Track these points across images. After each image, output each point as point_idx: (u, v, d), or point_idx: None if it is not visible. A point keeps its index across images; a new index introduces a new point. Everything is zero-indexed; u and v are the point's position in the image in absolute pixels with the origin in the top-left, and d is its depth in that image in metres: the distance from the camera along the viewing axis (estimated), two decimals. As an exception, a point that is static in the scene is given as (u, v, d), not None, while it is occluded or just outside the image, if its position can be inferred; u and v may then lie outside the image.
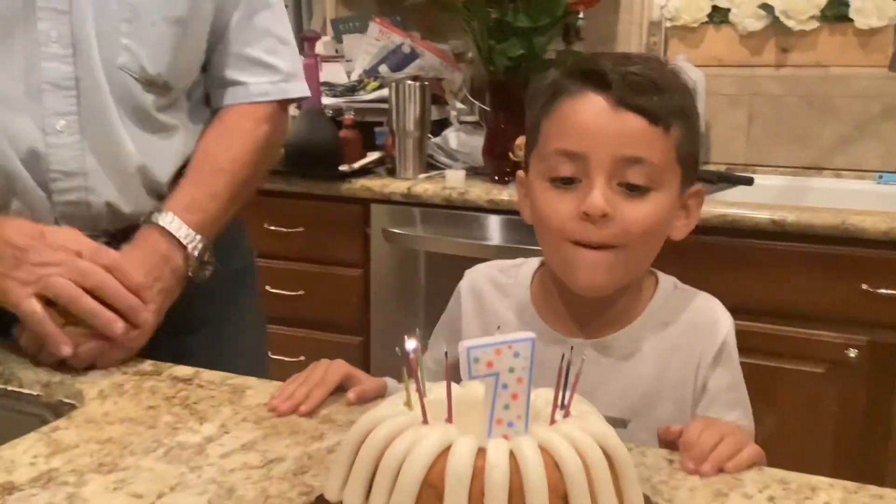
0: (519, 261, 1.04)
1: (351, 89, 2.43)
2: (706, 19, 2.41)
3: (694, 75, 2.34)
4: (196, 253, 1.05)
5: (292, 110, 2.24)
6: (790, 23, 2.30)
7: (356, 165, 2.19)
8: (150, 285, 1.01)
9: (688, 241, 1.94)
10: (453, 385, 0.67)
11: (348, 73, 2.59)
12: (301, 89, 1.20)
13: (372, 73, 2.52)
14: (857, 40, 2.27)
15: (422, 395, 0.64)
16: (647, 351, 0.94)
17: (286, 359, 2.33)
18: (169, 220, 1.04)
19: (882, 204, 2.06)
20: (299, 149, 2.14)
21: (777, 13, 2.31)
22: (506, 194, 2.05)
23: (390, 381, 0.96)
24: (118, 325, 0.97)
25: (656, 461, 0.79)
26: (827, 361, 1.83)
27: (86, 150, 1.03)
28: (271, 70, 1.16)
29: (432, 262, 2.16)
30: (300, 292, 2.30)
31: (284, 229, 2.29)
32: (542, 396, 0.68)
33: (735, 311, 1.87)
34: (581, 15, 2.25)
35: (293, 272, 2.30)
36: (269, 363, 1.32)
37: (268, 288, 2.32)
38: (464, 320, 1.02)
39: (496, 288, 1.02)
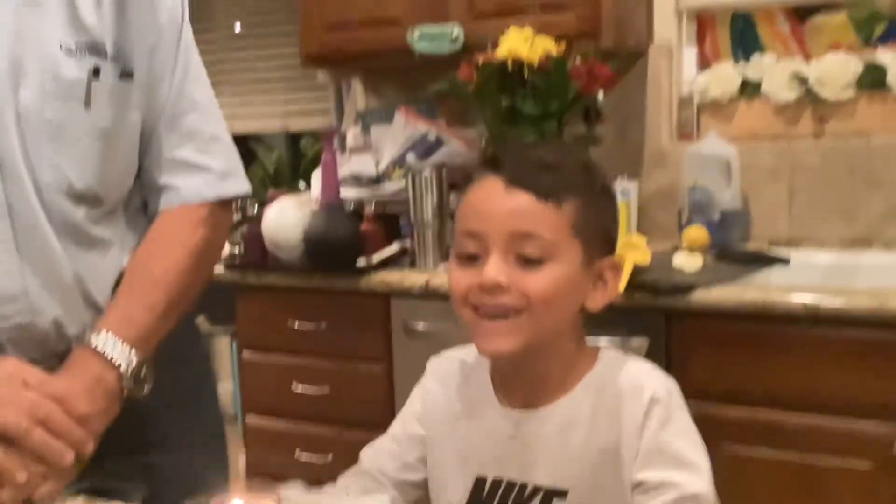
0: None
1: (376, 181, 2.42)
2: (737, 93, 2.32)
3: (726, 151, 2.25)
4: (130, 371, 1.01)
5: (313, 205, 2.25)
6: (825, 93, 2.20)
7: (374, 259, 2.16)
8: (93, 415, 0.99)
9: (715, 328, 1.82)
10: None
11: (377, 164, 2.58)
12: (238, 186, 1.17)
13: (399, 162, 2.51)
14: None
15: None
16: (583, 420, 0.96)
17: (315, 462, 2.30)
18: (102, 340, 1.02)
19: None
20: (317, 243, 2.13)
21: (811, 83, 2.21)
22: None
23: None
24: (69, 457, 0.95)
25: None
26: (873, 457, 1.68)
27: (25, 272, 1.02)
28: (203, 170, 1.13)
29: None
30: (326, 389, 2.26)
31: (309, 325, 2.26)
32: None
33: (771, 402, 1.77)
34: (601, 97, 2.20)
35: (318, 369, 2.27)
36: (229, 474, 1.27)
37: (293, 388, 2.30)
38: (432, 406, 1.07)
39: (461, 369, 1.07)
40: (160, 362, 1.07)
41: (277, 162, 3.59)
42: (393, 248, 2.20)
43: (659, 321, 1.84)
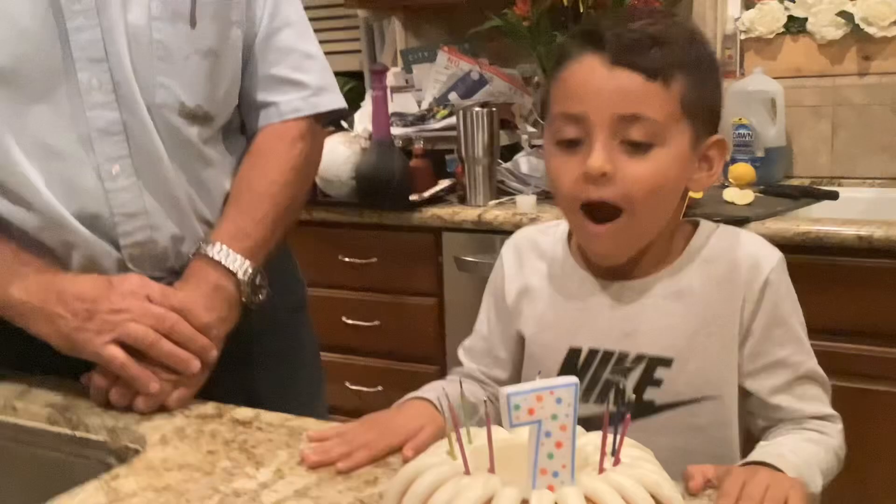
0: (557, 221, 1.05)
1: (421, 118, 2.44)
2: (782, 30, 2.33)
3: (772, 87, 2.27)
4: (247, 279, 1.06)
5: (362, 142, 2.27)
6: (871, 29, 2.21)
7: (426, 195, 2.19)
8: (215, 323, 1.03)
9: None
10: (500, 430, 0.65)
11: (419, 103, 2.60)
12: (334, 101, 1.20)
13: (442, 101, 2.52)
14: (943, 44, 2.16)
15: (463, 445, 0.62)
16: (689, 289, 0.94)
17: (364, 388, 2.36)
18: (217, 250, 1.06)
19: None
20: (369, 180, 2.16)
21: (857, 20, 2.22)
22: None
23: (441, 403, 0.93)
24: (195, 364, 1.00)
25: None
26: (925, 383, 1.74)
27: (143, 190, 1.05)
28: (299, 86, 1.16)
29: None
30: (376, 323, 2.31)
31: (358, 260, 2.30)
32: (592, 442, 0.65)
33: (824, 333, 1.81)
34: (650, 32, 2.20)
35: (368, 303, 2.32)
36: (326, 392, 1.32)
37: (344, 319, 2.35)
38: (506, 281, 1.04)
39: (534, 248, 1.04)
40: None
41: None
42: (444, 184, 2.23)
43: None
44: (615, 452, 0.63)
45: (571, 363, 0.97)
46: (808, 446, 0.90)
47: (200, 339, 1.01)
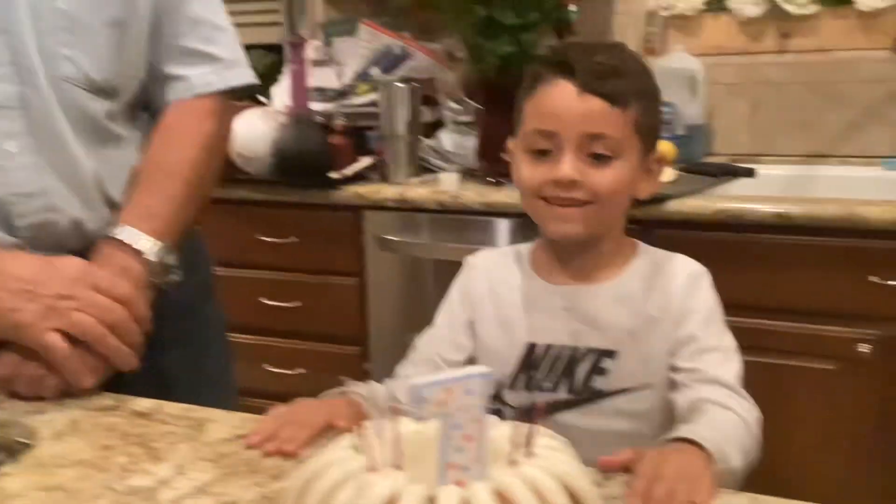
0: (511, 247, 1.19)
1: (342, 94, 2.38)
2: (704, 7, 2.34)
3: (693, 65, 2.28)
4: (155, 259, 1.01)
5: (281, 117, 2.20)
6: (790, 7, 2.23)
7: (347, 172, 2.13)
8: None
9: (690, 237, 1.90)
10: (413, 424, 0.62)
11: (340, 78, 2.53)
12: (245, 76, 1.16)
13: (363, 76, 2.47)
14: (859, 23, 2.19)
15: (369, 438, 0.59)
16: (630, 295, 1.07)
17: (286, 371, 2.31)
18: (123, 230, 1.02)
19: (890, 191, 1.98)
20: (287, 157, 2.09)
21: (776, -2, 2.24)
22: (501, 195, 2.00)
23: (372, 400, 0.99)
24: (135, 362, 0.97)
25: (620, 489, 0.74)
26: (838, 358, 1.77)
27: (43, 169, 1.00)
28: (209, 59, 1.12)
29: (428, 268, 2.11)
30: (297, 304, 2.26)
31: (277, 240, 2.24)
32: (506, 434, 0.62)
33: (740, 308, 1.82)
34: (573, 8, 2.18)
35: (288, 283, 2.26)
36: (234, 371, 1.29)
37: (263, 300, 2.29)
38: (472, 280, 1.15)
39: (498, 260, 1.16)
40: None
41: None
42: (365, 161, 2.18)
43: (635, 231, 1.87)
44: (528, 444, 0.61)
45: (530, 356, 1.09)
46: (726, 420, 0.95)
47: (138, 335, 0.97)
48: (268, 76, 2.55)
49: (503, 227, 2.02)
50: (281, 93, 2.36)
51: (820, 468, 1.79)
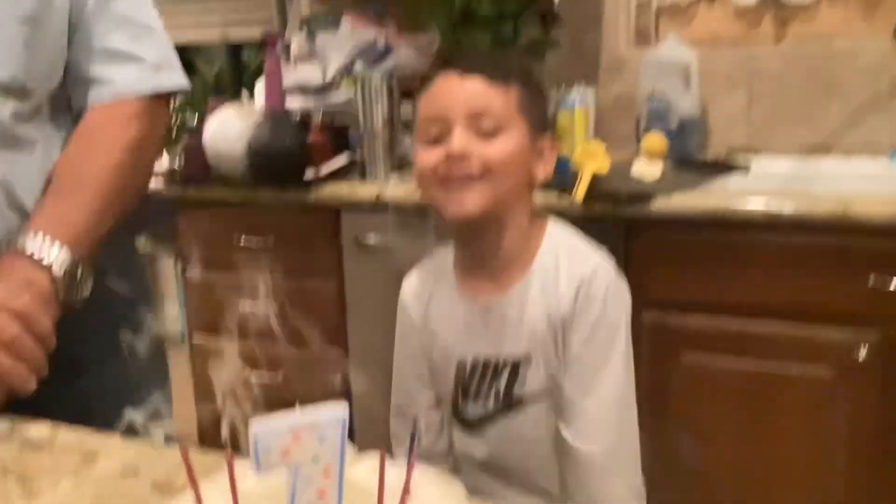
0: (436, 254, 1.26)
1: (323, 90, 2.30)
2: (698, -5, 2.24)
3: (686, 56, 2.18)
4: (63, 272, 0.93)
5: (257, 116, 2.13)
6: (787, -6, 2.13)
7: (322, 171, 2.06)
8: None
9: (679, 236, 1.81)
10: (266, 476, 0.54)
11: (324, 73, 2.46)
12: (175, 79, 1.08)
13: (347, 70, 2.39)
14: (859, 10, 2.08)
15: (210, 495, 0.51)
16: (535, 299, 1.12)
17: (266, 381, 2.24)
18: (31, 241, 0.94)
19: (893, 184, 1.88)
20: (261, 155, 2.02)
21: (773, -16, 2.13)
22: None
23: None
24: (33, 384, 0.89)
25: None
26: (834, 364, 1.67)
27: None
28: (136, 61, 1.04)
29: (409, 268, 2.03)
30: (273, 306, 2.18)
31: (255, 241, 2.17)
32: (368, 475, 0.54)
33: (731, 310, 1.74)
34: (557, -1, 2.10)
35: (265, 286, 2.19)
36: (170, 389, 1.21)
37: (241, 303, 2.22)
38: (410, 310, 1.23)
39: (428, 277, 1.24)
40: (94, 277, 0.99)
41: (219, 73, 3.43)
42: (342, 160, 2.10)
43: (618, 231, 1.79)
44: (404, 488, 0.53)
45: (462, 373, 1.17)
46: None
47: (39, 353, 0.89)
48: (260, 72, 2.48)
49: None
50: (259, 90, 2.29)
51: (814, 488, 1.70)
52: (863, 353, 1.64)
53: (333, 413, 0.50)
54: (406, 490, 0.52)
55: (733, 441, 1.75)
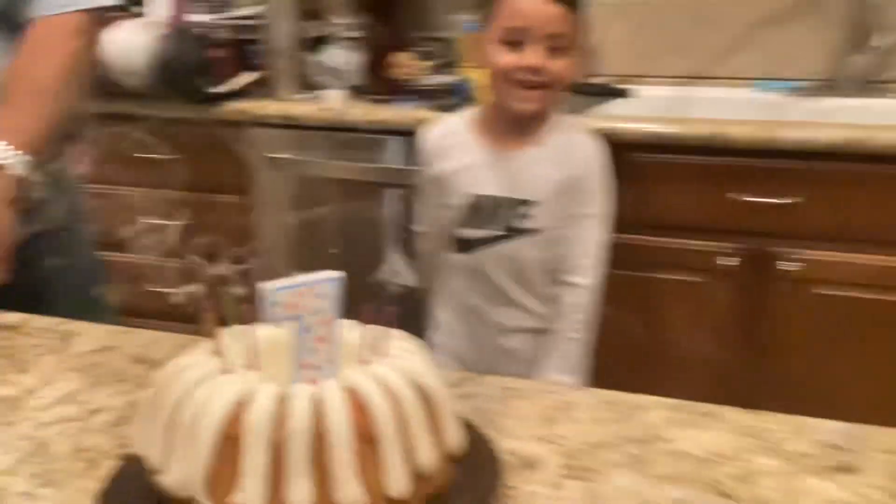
0: (453, 116, 1.58)
1: (224, 4, 2.31)
2: (589, -74, 2.35)
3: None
4: (17, 173, 0.99)
5: (159, 29, 2.13)
6: (671, -71, 2.27)
7: (228, 87, 2.09)
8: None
9: None
10: (270, 327, 0.64)
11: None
12: None
13: (247, -13, 2.39)
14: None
15: (225, 341, 0.61)
16: (549, 158, 1.45)
17: (172, 290, 2.28)
18: None
19: (760, 112, 2.08)
20: (166, 69, 2.04)
21: (658, -81, 2.27)
22: (389, 113, 2.00)
23: None
24: (4, 276, 0.97)
25: (492, 390, 0.78)
26: (700, 270, 1.87)
27: None
28: None
29: (315, 186, 2.11)
30: (182, 221, 2.22)
31: (159, 157, 2.19)
32: (361, 335, 0.65)
33: (615, 226, 1.91)
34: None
35: (172, 201, 2.22)
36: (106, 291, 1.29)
37: (148, 218, 2.24)
38: (427, 152, 1.53)
39: (447, 129, 1.53)
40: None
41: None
42: (248, 76, 2.14)
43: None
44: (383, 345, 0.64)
45: (475, 204, 1.47)
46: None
47: (3, 248, 0.97)
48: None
49: (391, 144, 2.03)
50: (160, 3, 2.27)
51: (687, 373, 1.91)
52: (726, 261, 1.84)
53: (329, 274, 0.60)
54: (384, 343, 0.64)
55: (617, 339, 1.93)
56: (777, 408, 0.75)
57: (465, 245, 1.51)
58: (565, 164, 1.46)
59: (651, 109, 2.09)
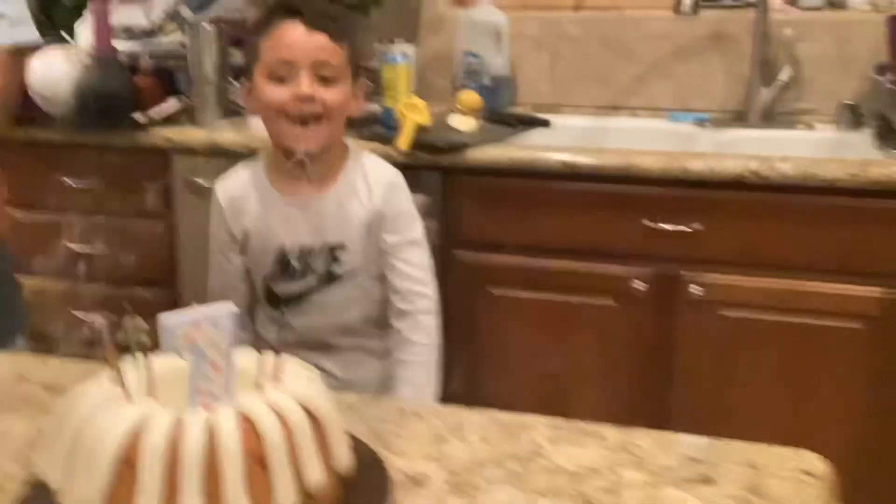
0: (242, 165, 1.53)
1: (150, 33, 2.33)
2: (509, -38, 2.44)
3: (498, 18, 2.38)
4: None
5: (84, 58, 2.14)
6: (586, -34, 2.37)
7: (153, 114, 2.11)
8: None
9: (488, 183, 2.07)
10: (171, 357, 0.68)
11: (148, 16, 2.47)
12: (30, 33, 1.17)
13: (173, 15, 2.42)
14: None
15: (121, 371, 0.64)
16: (350, 196, 1.44)
17: (96, 320, 2.27)
18: None
19: (672, 142, 2.18)
20: (89, 99, 2.05)
21: (574, -43, 2.37)
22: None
23: None
24: None
25: (387, 412, 0.83)
26: (614, 294, 1.94)
27: None
28: None
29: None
30: (102, 248, 2.23)
31: (82, 183, 2.20)
32: (256, 363, 0.69)
33: (530, 250, 1.97)
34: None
35: (93, 228, 2.22)
36: (27, 327, 1.29)
37: (68, 244, 2.24)
38: (228, 210, 1.48)
39: (244, 180, 1.49)
40: None
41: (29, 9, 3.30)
42: (173, 105, 2.16)
43: (436, 177, 1.98)
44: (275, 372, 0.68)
45: (283, 257, 1.45)
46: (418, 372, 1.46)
47: None
48: (74, 10, 2.46)
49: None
50: (86, 31, 2.29)
51: (599, 394, 1.98)
52: (638, 285, 1.92)
53: (225, 307, 0.64)
54: (277, 370, 0.68)
55: (532, 361, 2.00)
56: (686, 428, 0.80)
57: (279, 301, 1.47)
58: (367, 199, 1.44)
59: (567, 139, 2.18)
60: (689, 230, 1.87)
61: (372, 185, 1.44)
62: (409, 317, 1.46)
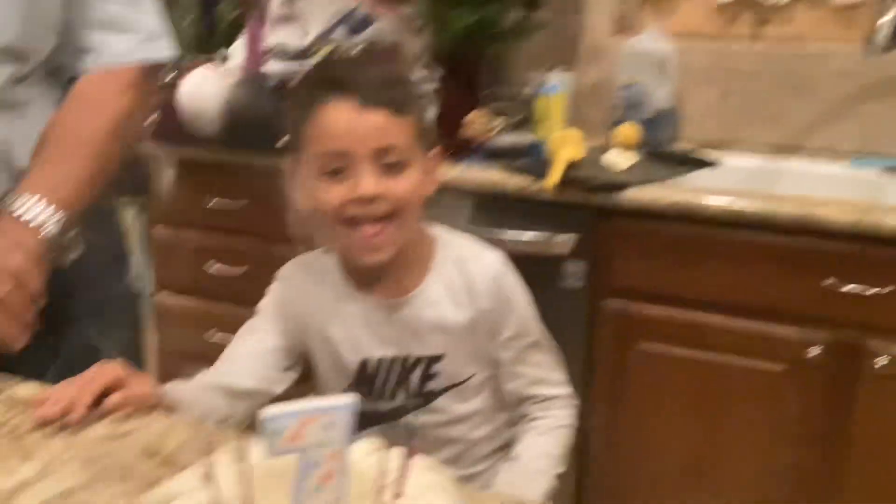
0: (321, 249, 1.21)
1: (301, 55, 2.30)
2: (680, -12, 2.27)
3: (664, 47, 2.21)
4: (51, 234, 0.95)
5: (233, 76, 2.12)
6: (767, -6, 2.17)
7: (299, 138, 2.06)
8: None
9: (646, 227, 1.88)
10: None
11: (303, 37, 2.45)
12: (167, 49, 1.10)
13: (327, 37, 2.38)
14: (833, 15, 2.13)
15: (221, 470, 0.53)
16: (444, 296, 1.13)
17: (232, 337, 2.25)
18: (23, 203, 0.95)
19: (854, 190, 1.94)
20: (237, 119, 2.02)
21: (754, -17, 2.17)
22: (455, 171, 1.93)
23: (171, 388, 0.98)
24: (21, 342, 0.91)
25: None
26: (786, 360, 1.73)
27: None
28: (131, 30, 1.06)
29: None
30: (243, 270, 2.20)
31: (227, 203, 2.17)
32: (377, 466, 0.57)
33: (690, 304, 1.79)
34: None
35: (236, 249, 2.20)
36: (146, 355, 1.24)
37: (211, 264, 2.22)
38: (287, 302, 1.19)
39: (309, 274, 1.20)
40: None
41: (190, 28, 3.38)
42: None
43: (588, 218, 1.83)
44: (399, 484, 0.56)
45: (364, 371, 1.15)
46: (540, 441, 1.18)
47: (28, 315, 0.91)
48: (234, 28, 2.46)
49: (465, 206, 1.94)
50: (240, 50, 2.28)
51: (760, 481, 1.77)
52: (813, 351, 1.70)
53: (342, 400, 0.53)
54: (401, 480, 0.55)
55: (683, 427, 1.81)
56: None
57: (378, 421, 1.15)
58: (466, 298, 1.14)
59: (735, 181, 1.98)
60: (879, 293, 1.64)
61: (474, 281, 1.14)
62: (547, 420, 1.22)
